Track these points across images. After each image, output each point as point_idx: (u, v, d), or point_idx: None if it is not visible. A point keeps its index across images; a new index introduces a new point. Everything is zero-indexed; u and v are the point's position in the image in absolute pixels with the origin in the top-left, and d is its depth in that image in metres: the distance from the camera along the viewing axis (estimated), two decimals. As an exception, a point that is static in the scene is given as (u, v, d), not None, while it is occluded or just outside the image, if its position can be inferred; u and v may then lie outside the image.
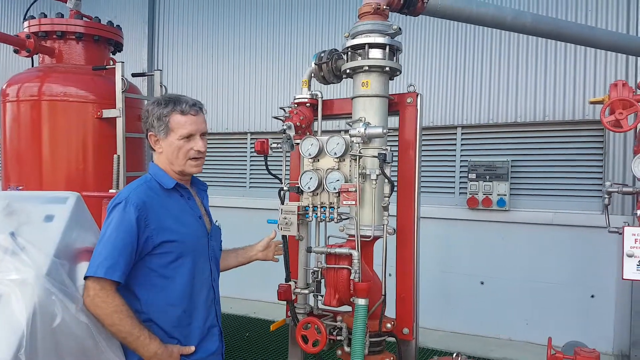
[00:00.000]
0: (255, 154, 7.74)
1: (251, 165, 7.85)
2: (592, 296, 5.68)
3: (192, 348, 2.27)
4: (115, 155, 4.10)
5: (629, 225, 2.49)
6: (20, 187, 3.81)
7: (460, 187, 6.41)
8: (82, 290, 2.03)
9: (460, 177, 6.40)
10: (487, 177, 6.11)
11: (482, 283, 6.23)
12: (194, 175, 2.46)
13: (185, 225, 2.31)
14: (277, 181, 3.37)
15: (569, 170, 5.87)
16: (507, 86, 6.13)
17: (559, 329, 5.57)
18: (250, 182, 7.80)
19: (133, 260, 2.13)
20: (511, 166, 6.05)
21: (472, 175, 6.19)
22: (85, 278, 2.04)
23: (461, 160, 6.41)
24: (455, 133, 6.47)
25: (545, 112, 5.93)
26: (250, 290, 7.21)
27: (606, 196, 2.79)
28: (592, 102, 2.95)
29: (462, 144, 6.44)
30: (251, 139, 7.81)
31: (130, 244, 2.10)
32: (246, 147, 7.87)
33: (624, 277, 2.46)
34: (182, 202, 2.36)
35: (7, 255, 1.87)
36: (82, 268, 2.07)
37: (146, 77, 7.29)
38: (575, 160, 5.85)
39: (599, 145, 5.73)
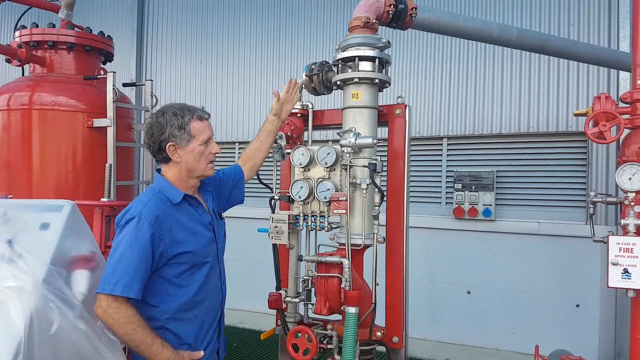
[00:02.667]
0: (243, 164, 7.79)
1: (239, 175, 7.85)
2: (577, 305, 5.76)
3: (202, 353, 2.31)
4: (107, 164, 4.11)
5: (613, 234, 2.56)
6: (10, 195, 3.80)
7: (446, 197, 6.48)
8: (80, 298, 2.04)
9: (447, 187, 6.48)
10: (473, 187, 6.19)
11: (468, 292, 6.29)
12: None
13: (196, 236, 2.34)
14: (264, 191, 3.41)
15: (553, 180, 5.97)
16: (492, 98, 6.23)
17: (545, 338, 5.64)
18: (239, 192, 7.81)
19: (148, 275, 2.15)
20: (496, 176, 6.14)
21: (458, 186, 6.27)
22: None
23: (447, 171, 6.49)
24: (441, 144, 6.55)
25: (529, 123, 6.03)
26: (236, 300, 7.16)
27: (591, 206, 2.86)
28: (576, 114, 3.03)
29: (448, 155, 6.52)
30: (239, 148, 7.84)
31: (146, 261, 2.12)
32: (234, 157, 7.89)
33: (609, 285, 2.52)
34: (192, 212, 2.38)
35: (4, 262, 1.89)
36: (79, 275, 2.09)
37: (134, 87, 7.30)
38: (559, 171, 5.95)
39: (582, 156, 5.84)
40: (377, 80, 3.11)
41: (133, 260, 2.09)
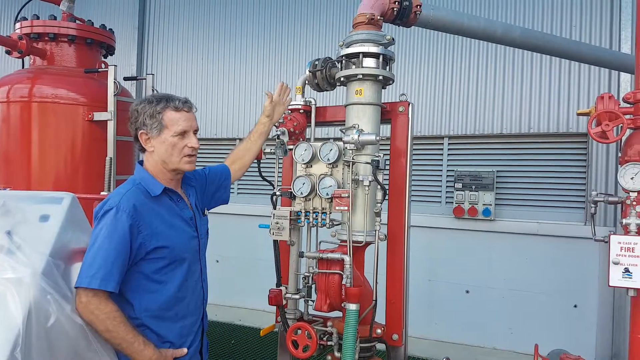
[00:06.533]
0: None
1: (239, 171, 7.83)
2: (575, 306, 5.77)
3: (185, 350, 2.28)
4: (107, 158, 4.08)
5: (614, 233, 2.56)
6: (9, 188, 3.77)
7: (446, 196, 6.48)
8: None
9: (447, 186, 6.48)
10: (473, 186, 6.19)
11: (467, 292, 6.29)
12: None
13: (176, 230, 2.30)
14: (266, 188, 3.39)
15: (553, 181, 5.98)
16: (494, 98, 6.23)
17: (543, 338, 5.63)
18: (238, 188, 7.80)
19: (126, 268, 2.11)
20: (497, 176, 6.14)
21: (459, 185, 6.27)
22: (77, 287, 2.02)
23: (448, 170, 6.49)
24: (442, 143, 6.55)
25: (530, 124, 6.03)
26: (235, 298, 7.18)
27: (592, 205, 2.85)
28: (579, 114, 3.02)
29: (448, 154, 6.52)
30: (239, 145, 7.81)
31: (124, 253, 2.07)
32: (234, 154, 7.86)
33: (609, 284, 2.51)
34: (172, 206, 2.34)
35: (3, 253, 1.87)
36: (77, 269, 2.06)
37: (135, 81, 7.27)
38: (559, 172, 5.96)
39: (582, 157, 5.84)
40: (380, 77, 3.09)
41: (110, 252, 2.04)
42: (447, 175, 6.48)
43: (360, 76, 3.07)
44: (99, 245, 2.06)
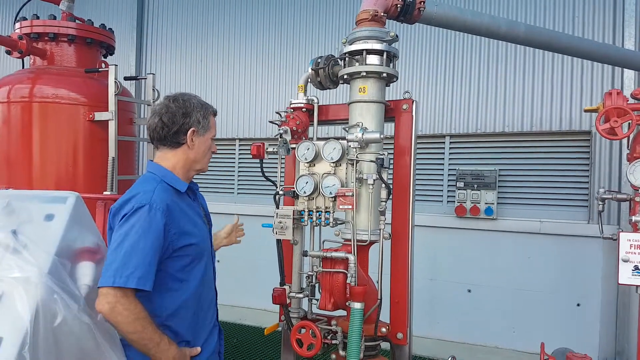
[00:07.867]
0: (243, 160, 7.78)
1: (239, 171, 7.82)
2: (578, 305, 5.75)
3: (198, 349, 2.26)
4: (110, 157, 4.07)
5: (623, 231, 2.54)
6: (11, 188, 3.75)
7: (448, 196, 6.46)
8: (84, 291, 1.99)
9: (449, 185, 6.46)
10: (475, 185, 6.17)
11: (469, 291, 6.27)
12: None
13: (198, 228, 2.31)
14: (266, 187, 3.37)
15: (555, 179, 5.96)
16: (495, 96, 6.22)
17: (545, 337, 5.58)
18: (239, 189, 7.78)
19: None
20: (499, 175, 6.12)
21: (460, 184, 6.26)
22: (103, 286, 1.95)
23: (449, 169, 6.47)
24: (444, 142, 6.53)
25: (532, 122, 6.02)
26: (236, 297, 7.17)
27: (600, 203, 2.84)
28: (586, 110, 3.01)
29: (450, 153, 6.50)
30: (240, 145, 7.80)
31: (159, 251, 2.05)
32: (234, 153, 7.85)
33: (619, 282, 2.50)
34: (192, 203, 2.36)
35: (9, 253, 1.85)
36: (83, 268, 2.05)
37: (134, 81, 7.25)
38: (562, 170, 5.94)
39: (585, 155, 5.82)
40: (384, 75, 3.07)
41: (148, 251, 2.00)
42: (449, 174, 6.46)
43: (364, 73, 3.05)
44: (132, 243, 2.00)
